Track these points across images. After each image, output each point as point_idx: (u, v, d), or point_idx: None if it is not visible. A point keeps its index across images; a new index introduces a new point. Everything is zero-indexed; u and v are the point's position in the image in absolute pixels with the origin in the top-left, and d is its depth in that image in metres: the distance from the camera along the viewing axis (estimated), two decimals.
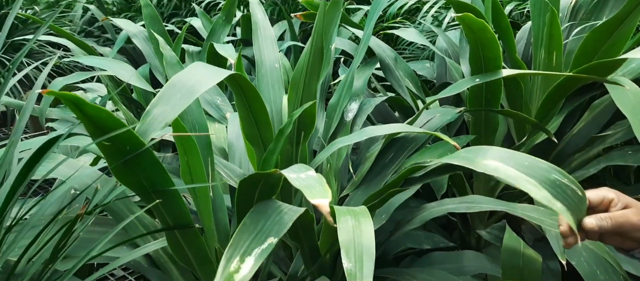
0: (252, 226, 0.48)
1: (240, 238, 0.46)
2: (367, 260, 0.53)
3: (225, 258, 0.44)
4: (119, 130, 0.47)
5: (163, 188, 0.56)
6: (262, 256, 0.44)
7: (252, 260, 0.44)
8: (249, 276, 0.42)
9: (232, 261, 0.43)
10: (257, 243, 0.46)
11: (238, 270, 0.42)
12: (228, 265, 0.43)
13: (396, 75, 1.08)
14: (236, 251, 0.45)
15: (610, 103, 1.17)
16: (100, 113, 0.47)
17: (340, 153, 0.94)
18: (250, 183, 0.54)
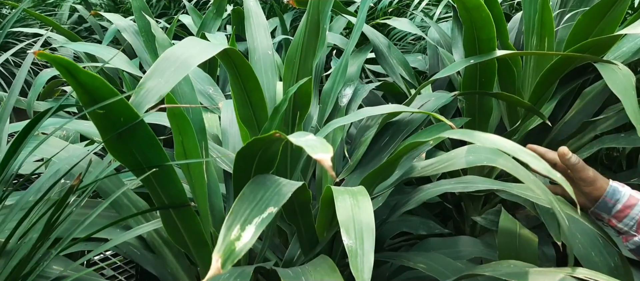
0: (251, 196, 0.47)
1: (240, 207, 0.45)
2: (367, 237, 0.53)
3: (226, 226, 0.43)
4: (113, 99, 0.46)
5: (158, 163, 0.55)
6: (263, 225, 0.43)
7: (253, 228, 0.43)
8: (250, 244, 0.41)
9: (232, 229, 0.43)
10: (257, 212, 0.45)
11: (239, 237, 0.42)
12: (229, 233, 0.42)
13: (390, 62, 1.08)
14: (236, 219, 0.44)
15: (601, 90, 1.19)
16: (94, 81, 0.46)
17: (335, 138, 0.94)
18: (247, 155, 0.53)
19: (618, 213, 0.68)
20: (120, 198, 0.70)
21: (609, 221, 0.69)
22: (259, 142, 0.49)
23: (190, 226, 0.65)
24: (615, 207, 0.68)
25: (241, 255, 0.40)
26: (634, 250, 0.68)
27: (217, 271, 0.38)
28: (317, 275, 0.55)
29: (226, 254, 0.40)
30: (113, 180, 0.70)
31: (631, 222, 0.67)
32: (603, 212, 0.69)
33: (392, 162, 0.68)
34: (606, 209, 0.68)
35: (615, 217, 0.68)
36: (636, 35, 1.00)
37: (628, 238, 0.68)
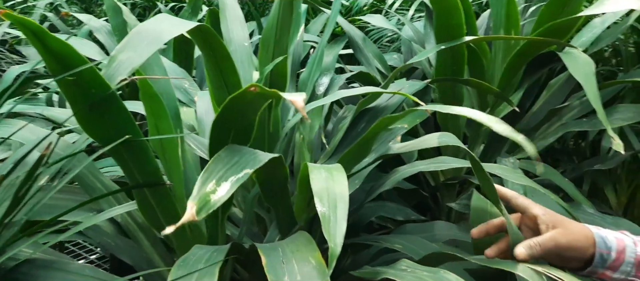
0: (226, 158, 0.47)
1: (215, 166, 0.46)
2: (341, 205, 0.53)
3: (201, 180, 0.43)
4: (84, 66, 0.45)
5: (131, 138, 0.54)
6: (238, 183, 0.43)
7: (228, 185, 0.43)
8: (225, 198, 0.41)
9: (207, 183, 0.43)
10: (233, 172, 0.45)
11: (214, 191, 0.42)
12: (204, 186, 0.42)
13: (365, 54, 1.10)
14: (211, 176, 0.44)
15: (565, 81, 1.24)
16: (64, 48, 0.45)
17: (312, 126, 0.95)
18: (224, 122, 0.53)
19: (614, 264, 0.58)
20: (93, 183, 0.68)
21: (601, 275, 0.60)
22: (236, 103, 0.49)
23: (166, 206, 0.64)
24: (609, 256, 0.58)
25: (216, 206, 0.40)
26: None
27: (191, 218, 0.38)
28: (294, 246, 0.56)
29: (201, 203, 0.40)
30: (87, 166, 0.69)
31: (628, 268, 0.58)
32: (599, 268, 0.59)
33: (368, 141, 0.69)
34: (602, 263, 0.58)
35: (610, 268, 0.59)
36: (594, 26, 1.06)
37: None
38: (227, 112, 0.51)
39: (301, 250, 0.55)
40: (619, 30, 1.11)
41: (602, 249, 0.58)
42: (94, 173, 0.70)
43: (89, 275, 0.59)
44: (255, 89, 0.44)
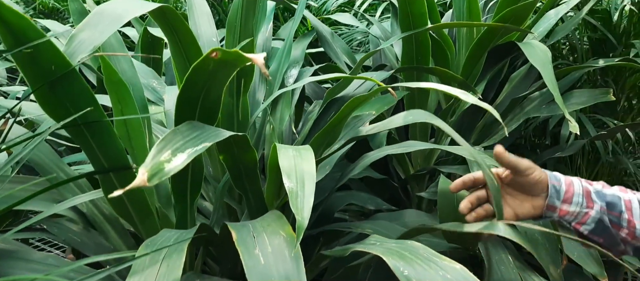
0: (187, 132, 0.47)
1: (173, 137, 0.45)
2: (308, 182, 0.54)
3: (155, 149, 0.42)
4: (42, 40, 0.45)
5: (95, 119, 0.53)
6: (195, 155, 0.43)
7: (185, 156, 0.43)
8: (180, 168, 0.41)
9: (163, 152, 0.42)
10: (191, 145, 0.45)
11: (169, 160, 0.41)
12: (158, 155, 0.42)
13: (333, 48, 1.12)
14: (168, 146, 0.43)
15: (526, 74, 1.30)
16: (20, 21, 0.44)
17: (282, 116, 0.95)
18: (188, 99, 0.53)
19: (566, 195, 0.65)
20: (56, 172, 0.67)
21: (560, 210, 0.66)
22: (198, 73, 0.49)
23: (134, 193, 0.63)
24: (561, 189, 0.65)
25: (169, 175, 0.40)
26: (593, 229, 0.65)
27: (142, 183, 0.38)
28: (265, 222, 0.56)
29: (154, 170, 0.39)
30: (48, 154, 0.67)
31: (579, 199, 0.65)
32: (556, 200, 0.66)
33: (337, 125, 0.71)
34: (556, 194, 0.65)
35: (565, 202, 0.65)
36: (549, 17, 1.11)
37: (583, 221, 0.65)
38: (191, 86, 0.51)
39: (272, 225, 0.55)
40: (572, 23, 1.17)
41: (553, 181, 0.66)
42: (58, 164, 0.68)
43: (52, 264, 0.57)
44: (217, 54, 0.45)
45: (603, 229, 0.65)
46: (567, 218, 0.66)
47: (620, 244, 0.65)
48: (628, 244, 0.65)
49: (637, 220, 0.63)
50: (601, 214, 0.64)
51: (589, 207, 0.64)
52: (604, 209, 0.64)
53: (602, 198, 0.65)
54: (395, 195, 1.28)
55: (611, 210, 0.64)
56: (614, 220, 0.64)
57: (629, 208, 0.64)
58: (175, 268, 0.47)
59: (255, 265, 0.48)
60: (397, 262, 0.51)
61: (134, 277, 0.46)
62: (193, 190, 0.64)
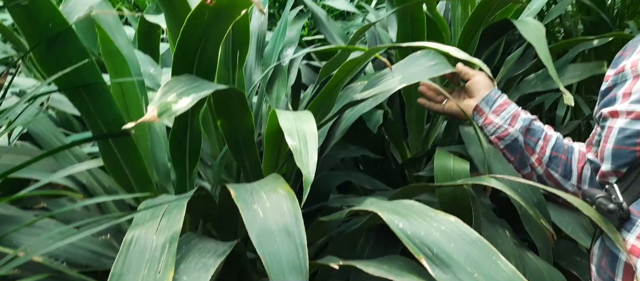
0: (188, 81, 0.48)
1: (176, 83, 0.46)
2: (310, 140, 0.55)
3: (161, 92, 0.43)
4: None
5: (92, 81, 0.54)
6: (198, 99, 0.44)
7: (190, 99, 0.43)
8: (186, 109, 0.42)
9: (168, 95, 0.43)
10: (194, 91, 0.45)
11: (176, 102, 0.42)
12: (164, 96, 0.42)
13: (328, 30, 1.12)
14: (172, 90, 0.44)
15: (521, 55, 1.31)
16: None
17: (278, 96, 0.96)
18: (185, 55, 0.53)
19: (498, 107, 0.74)
20: (56, 143, 0.67)
21: (486, 118, 0.75)
22: (194, 25, 0.50)
23: (132, 159, 0.63)
24: (496, 101, 0.75)
25: (177, 114, 0.41)
26: (508, 145, 0.73)
27: (152, 118, 0.39)
28: (263, 183, 0.56)
29: (162, 108, 0.40)
30: (47, 126, 0.68)
31: (507, 115, 0.74)
32: (485, 107, 0.76)
33: (333, 89, 0.71)
34: (490, 102, 0.75)
35: (494, 112, 0.75)
36: None
37: (502, 136, 0.74)
38: (187, 39, 0.51)
39: (269, 184, 0.55)
40: (566, 2, 1.18)
41: (494, 92, 0.77)
42: (57, 135, 0.69)
43: (54, 231, 0.57)
44: (211, 2, 0.45)
45: (516, 148, 0.73)
46: (490, 128, 0.75)
47: (528, 167, 0.74)
48: (534, 170, 0.74)
49: (549, 149, 0.72)
50: (518, 134, 0.72)
51: (511, 125, 0.73)
52: (523, 129, 0.72)
53: (526, 122, 0.73)
54: (393, 178, 1.29)
55: (531, 135, 0.73)
56: (530, 144, 0.73)
57: (546, 140, 0.73)
58: (176, 222, 0.48)
59: (254, 218, 0.48)
60: (392, 216, 0.51)
61: (135, 229, 0.47)
62: (191, 157, 0.65)
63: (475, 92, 0.78)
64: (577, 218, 0.94)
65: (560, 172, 0.73)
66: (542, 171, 0.74)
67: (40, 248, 0.47)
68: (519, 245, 0.90)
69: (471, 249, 0.46)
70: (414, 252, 0.46)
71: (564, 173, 0.73)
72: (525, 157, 0.74)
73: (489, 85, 0.78)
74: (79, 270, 0.59)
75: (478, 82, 0.78)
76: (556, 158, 0.72)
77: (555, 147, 0.73)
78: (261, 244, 0.46)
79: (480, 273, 0.43)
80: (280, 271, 0.44)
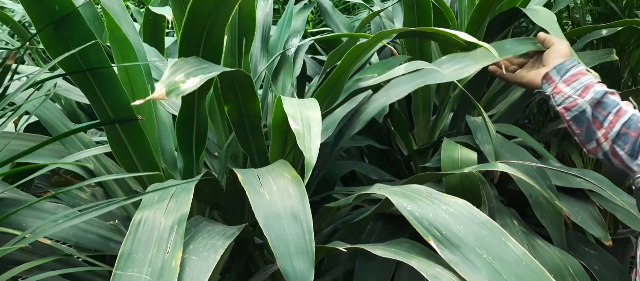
0: (196, 63, 0.48)
1: (183, 64, 0.46)
2: (314, 125, 0.54)
3: (169, 71, 0.43)
4: None
5: (99, 65, 0.54)
6: (206, 79, 0.44)
7: (197, 80, 0.43)
8: (194, 88, 0.42)
9: (176, 74, 0.43)
10: (201, 72, 0.45)
11: (184, 81, 0.42)
12: (172, 76, 0.42)
13: (334, 20, 1.12)
14: (180, 70, 0.44)
15: None
16: None
17: (284, 85, 0.96)
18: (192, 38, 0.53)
19: (570, 77, 0.70)
20: (60, 127, 0.67)
21: (555, 87, 0.71)
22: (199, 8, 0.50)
23: (139, 146, 0.63)
24: (570, 70, 0.71)
25: (185, 93, 0.41)
26: (575, 117, 0.69)
27: (161, 96, 0.39)
28: (270, 168, 0.56)
29: (171, 87, 0.40)
30: (55, 113, 0.68)
31: (579, 86, 0.69)
32: (556, 75, 0.71)
33: (340, 75, 0.71)
34: (562, 71, 0.71)
35: (565, 81, 0.70)
36: None
37: (569, 107, 0.69)
38: (193, 23, 0.51)
39: (276, 169, 0.55)
40: None
41: (568, 63, 0.72)
42: (64, 122, 0.69)
43: (61, 213, 0.58)
44: None
45: (583, 121, 0.68)
46: (557, 98, 0.71)
47: (594, 142, 0.69)
48: (600, 146, 0.69)
49: (618, 125, 0.67)
50: (587, 105, 0.68)
51: (581, 96, 0.68)
52: (593, 101, 0.68)
53: (598, 95, 0.68)
54: (399, 170, 1.28)
55: (601, 109, 0.68)
56: (599, 117, 0.68)
57: (618, 115, 0.67)
58: (183, 204, 0.48)
59: (261, 201, 0.48)
60: (400, 199, 0.51)
61: (143, 211, 0.47)
62: (198, 143, 0.65)
63: (550, 59, 0.74)
64: (586, 207, 0.93)
65: (627, 149, 0.67)
66: (607, 147, 0.68)
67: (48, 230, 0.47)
68: (528, 232, 0.90)
69: (480, 230, 0.45)
70: (422, 234, 0.46)
71: (630, 152, 0.67)
72: (591, 130, 0.69)
73: (567, 54, 0.73)
74: (88, 254, 0.60)
75: (555, 51, 0.74)
76: (625, 135, 0.67)
77: (627, 123, 0.67)
78: (268, 227, 0.46)
79: (490, 254, 0.43)
80: (286, 254, 0.44)
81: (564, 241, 0.87)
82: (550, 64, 0.73)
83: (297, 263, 0.43)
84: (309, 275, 0.43)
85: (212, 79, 0.57)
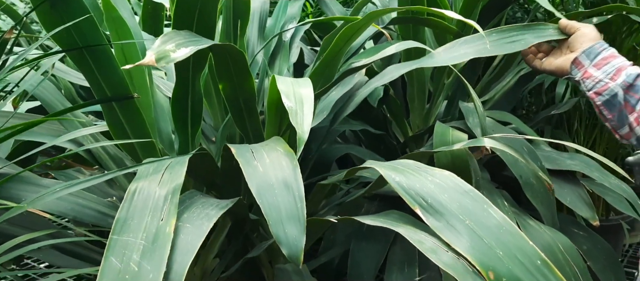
0: (187, 35, 0.49)
1: (175, 35, 0.47)
2: (306, 103, 0.56)
3: (160, 41, 0.45)
4: None
5: (95, 42, 0.55)
6: (196, 50, 0.45)
7: (188, 50, 0.45)
8: (184, 58, 0.43)
9: (167, 44, 0.44)
10: (193, 43, 0.47)
11: (174, 50, 0.43)
12: (163, 45, 0.44)
13: (331, 8, 1.13)
14: (171, 40, 0.46)
15: None
16: None
17: (281, 70, 0.97)
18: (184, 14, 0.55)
19: (601, 60, 0.68)
20: (57, 105, 0.69)
21: (585, 72, 0.69)
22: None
23: (136, 125, 0.65)
24: (600, 54, 0.69)
25: (175, 61, 0.42)
26: (606, 101, 0.67)
27: (151, 62, 0.40)
28: (263, 144, 0.58)
29: (161, 55, 0.41)
30: (53, 92, 0.69)
31: (611, 69, 0.67)
32: (586, 59, 0.70)
33: (334, 56, 0.72)
34: (592, 55, 0.69)
35: (595, 65, 0.68)
36: None
37: (600, 91, 0.67)
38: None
39: (270, 145, 0.57)
40: None
41: (598, 46, 0.70)
42: (62, 102, 0.70)
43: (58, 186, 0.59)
44: None
45: (615, 105, 0.66)
46: (588, 82, 0.68)
47: (626, 127, 0.67)
48: (633, 131, 0.67)
49: None
50: (619, 88, 0.66)
51: (613, 79, 0.66)
52: (625, 84, 0.65)
53: (630, 78, 0.66)
54: (395, 156, 1.30)
55: (633, 92, 0.66)
56: (631, 101, 0.65)
57: None
58: (178, 176, 0.49)
59: (254, 172, 0.50)
60: (389, 172, 0.53)
61: (138, 181, 0.48)
62: (193, 120, 0.66)
63: (578, 45, 0.71)
64: (575, 189, 0.95)
65: None
66: None
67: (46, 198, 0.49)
68: (519, 213, 0.91)
69: (463, 199, 0.47)
70: (409, 202, 0.47)
71: None
72: (623, 115, 0.67)
73: (595, 37, 0.71)
74: (86, 228, 0.61)
75: (583, 35, 0.72)
76: None
77: None
78: (261, 195, 0.47)
79: (472, 221, 0.45)
80: (278, 221, 0.45)
81: (555, 221, 0.89)
82: (579, 48, 0.71)
83: (289, 229, 0.44)
84: (301, 240, 0.44)
85: (207, 56, 0.58)
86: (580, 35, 0.72)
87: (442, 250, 0.44)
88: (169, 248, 0.41)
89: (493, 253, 0.42)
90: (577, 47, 0.72)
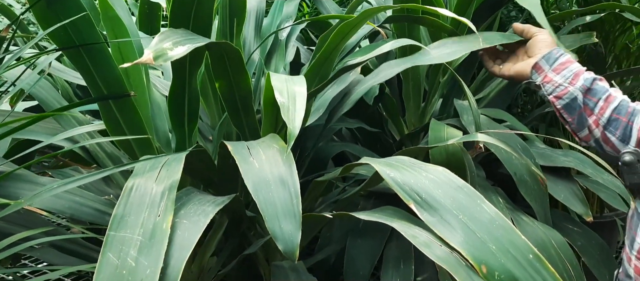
0: (185, 33, 0.50)
1: (172, 33, 0.48)
2: (299, 100, 0.56)
3: (158, 39, 0.45)
4: None
5: (91, 41, 0.55)
6: (193, 48, 0.46)
7: (185, 48, 0.45)
8: (182, 55, 0.44)
9: (164, 42, 0.45)
10: (190, 41, 0.47)
11: (172, 48, 0.44)
12: (161, 43, 0.44)
13: (327, 8, 1.14)
14: (168, 38, 0.46)
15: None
16: None
17: (277, 68, 0.97)
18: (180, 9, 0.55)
19: (559, 65, 0.71)
20: (54, 104, 0.69)
21: (545, 76, 0.71)
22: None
23: (133, 123, 0.65)
24: (558, 59, 0.71)
25: (172, 59, 0.43)
26: (566, 105, 0.69)
27: (148, 60, 0.40)
28: (260, 141, 0.58)
29: (158, 53, 0.42)
30: (50, 91, 0.70)
31: (569, 74, 0.70)
32: (545, 64, 0.72)
33: (329, 55, 0.73)
34: (551, 60, 0.72)
35: (554, 70, 0.71)
36: None
37: (560, 95, 0.69)
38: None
39: (266, 142, 0.57)
40: None
41: (556, 52, 0.72)
42: (59, 100, 0.71)
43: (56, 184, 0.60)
44: None
45: (575, 108, 0.69)
46: (548, 87, 0.71)
47: (586, 129, 0.70)
48: (592, 133, 0.69)
49: (609, 110, 0.67)
50: (578, 92, 0.68)
51: (572, 83, 0.69)
52: (584, 88, 0.68)
53: (588, 82, 0.68)
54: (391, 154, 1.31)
55: (591, 95, 0.68)
56: (589, 104, 0.68)
57: (608, 101, 0.68)
58: (175, 172, 0.50)
59: (250, 168, 0.50)
60: (384, 168, 0.53)
61: (135, 178, 0.49)
62: (190, 117, 0.67)
63: (536, 50, 0.74)
64: (569, 185, 0.96)
65: (618, 135, 0.67)
66: (599, 134, 0.69)
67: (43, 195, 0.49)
68: (513, 209, 0.92)
69: (457, 194, 0.48)
70: (403, 198, 0.48)
71: (622, 137, 0.67)
72: (583, 118, 0.69)
73: (552, 43, 0.74)
74: (83, 226, 0.62)
75: (540, 41, 0.75)
76: (616, 121, 0.67)
77: (617, 109, 0.67)
78: (257, 192, 0.48)
79: (465, 215, 0.45)
80: (275, 216, 0.46)
81: (548, 217, 0.90)
82: (538, 53, 0.74)
83: (284, 225, 0.45)
84: (296, 235, 0.45)
85: (203, 54, 0.59)
86: (538, 40, 0.75)
87: (436, 244, 0.44)
88: (166, 243, 0.42)
89: (486, 248, 0.43)
90: (536, 53, 0.74)
